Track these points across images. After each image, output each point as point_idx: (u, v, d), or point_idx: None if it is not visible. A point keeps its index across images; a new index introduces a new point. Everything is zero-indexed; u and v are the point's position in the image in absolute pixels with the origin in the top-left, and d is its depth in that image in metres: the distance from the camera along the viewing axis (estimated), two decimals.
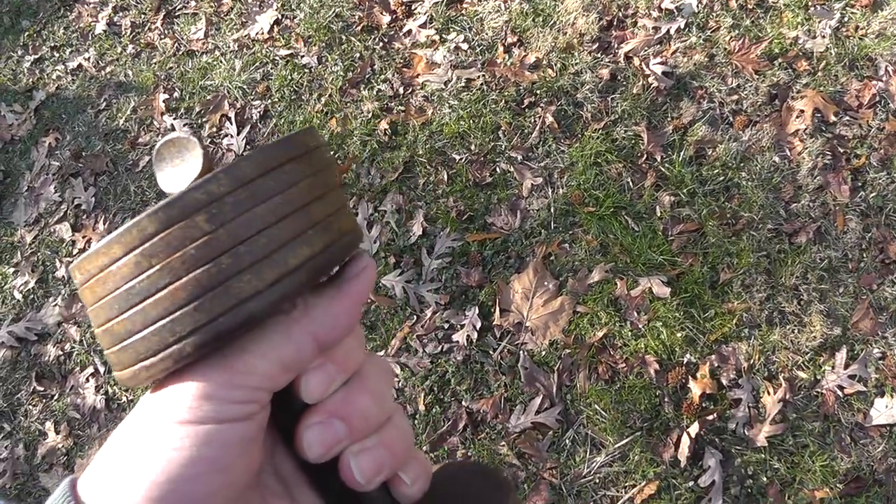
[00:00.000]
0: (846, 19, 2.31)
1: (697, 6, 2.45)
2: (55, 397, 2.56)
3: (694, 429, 1.94)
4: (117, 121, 2.99)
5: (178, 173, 0.37)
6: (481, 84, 2.54)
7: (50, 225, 2.86)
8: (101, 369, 2.54)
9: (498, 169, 2.39)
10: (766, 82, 2.28)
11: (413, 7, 2.78)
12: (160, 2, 3.24)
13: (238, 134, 2.76)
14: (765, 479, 1.88)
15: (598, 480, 1.98)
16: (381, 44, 2.77)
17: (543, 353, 2.12)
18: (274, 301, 0.35)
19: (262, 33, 2.96)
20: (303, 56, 2.84)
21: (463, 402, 2.13)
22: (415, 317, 2.26)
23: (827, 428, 1.90)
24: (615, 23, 2.53)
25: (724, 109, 2.29)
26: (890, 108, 2.14)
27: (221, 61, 2.95)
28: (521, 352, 2.13)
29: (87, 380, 2.54)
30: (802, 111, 2.20)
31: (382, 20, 2.80)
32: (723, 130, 2.26)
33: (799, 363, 1.96)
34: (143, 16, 3.25)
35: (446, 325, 2.22)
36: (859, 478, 1.84)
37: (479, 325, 2.18)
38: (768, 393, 1.95)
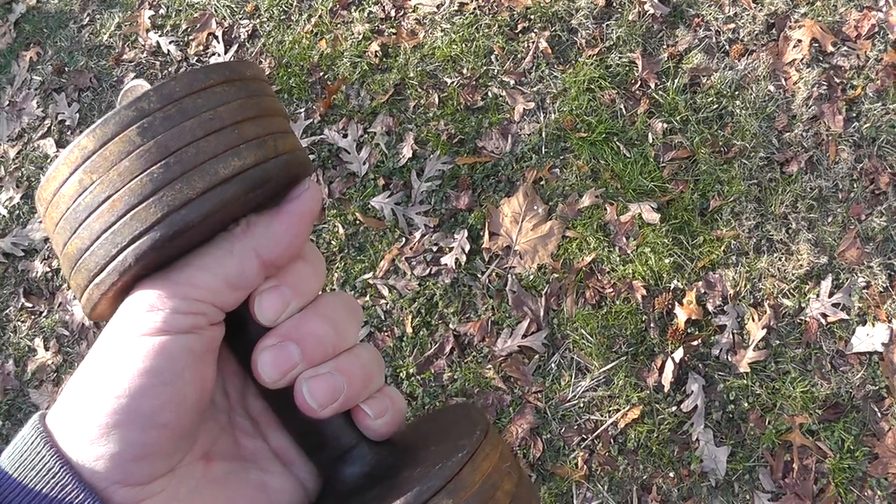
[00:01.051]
0: None
1: None
2: (44, 314, 2.56)
3: (678, 354, 1.96)
4: (101, 36, 2.92)
5: None
6: (474, 8, 2.49)
7: (34, 140, 2.82)
8: None
9: (490, 93, 2.36)
10: (763, 11, 2.25)
11: None
12: None
13: (225, 53, 2.71)
14: (746, 404, 1.92)
15: (582, 404, 2.01)
16: None
17: (531, 277, 2.12)
18: (206, 211, 0.36)
19: None
20: None
21: (450, 325, 2.14)
22: (403, 239, 2.26)
23: (808, 355, 1.93)
24: None
25: (721, 38, 2.26)
26: (889, 38, 2.12)
27: None
28: (510, 275, 2.14)
29: (76, 297, 2.52)
30: (800, 41, 2.18)
31: None
32: (718, 59, 2.24)
33: (784, 291, 1.98)
34: None
35: (435, 248, 2.22)
36: (838, 404, 1.88)
37: (467, 248, 2.18)
38: (753, 320, 1.97)
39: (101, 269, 0.36)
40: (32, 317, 2.57)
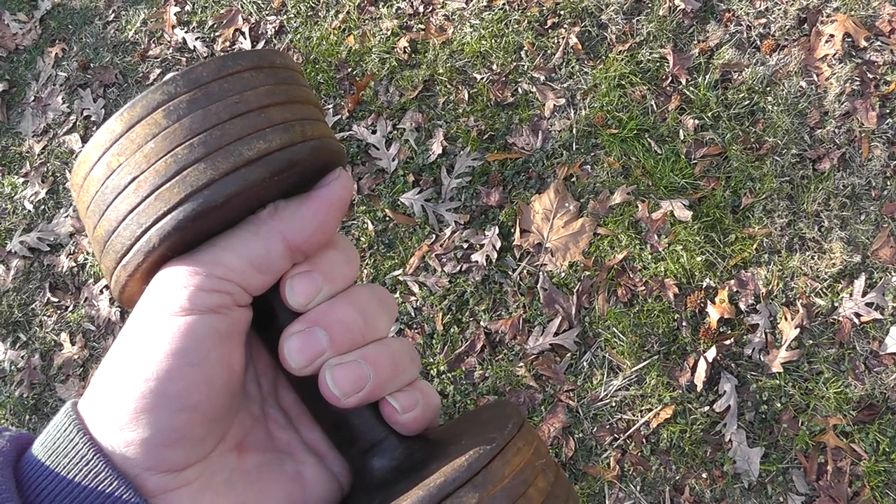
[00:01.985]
0: None
1: None
2: (69, 308, 2.57)
3: (711, 353, 1.95)
4: (126, 33, 2.92)
5: None
6: (503, 4, 2.48)
7: (59, 136, 2.82)
8: None
9: (520, 89, 2.35)
10: (795, 6, 2.24)
11: None
12: None
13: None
14: (779, 405, 1.91)
15: (614, 404, 2.00)
16: None
17: (563, 274, 2.12)
18: (229, 192, 0.36)
19: None
20: None
21: (481, 323, 2.14)
22: (434, 236, 2.25)
23: (842, 355, 1.91)
24: None
25: (752, 33, 2.24)
26: None
27: None
28: (541, 273, 2.13)
29: (101, 291, 2.53)
30: (832, 36, 2.16)
31: None
32: (750, 54, 2.22)
33: (817, 290, 1.97)
34: None
35: (465, 245, 2.21)
36: (872, 405, 1.86)
37: (498, 245, 2.17)
38: (785, 319, 1.96)
39: (126, 250, 0.37)
40: (58, 311, 2.58)
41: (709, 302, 2.01)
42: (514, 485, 0.35)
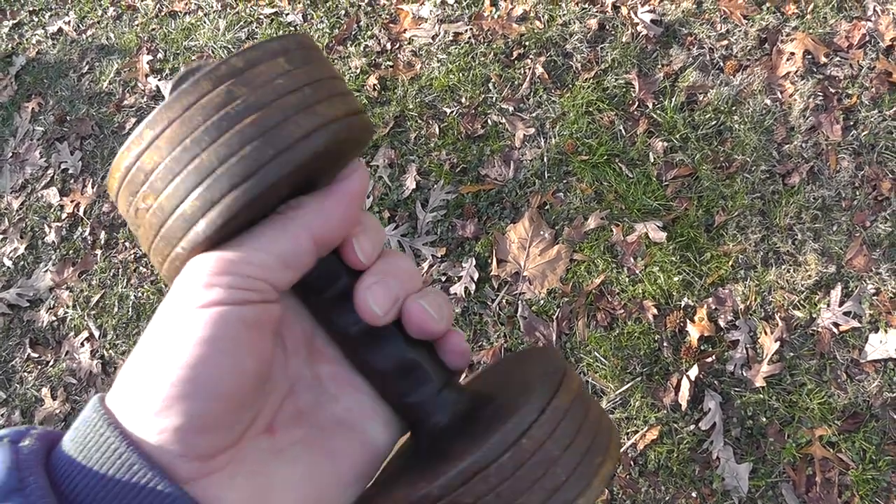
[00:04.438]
0: None
1: None
2: (50, 363, 2.55)
3: (693, 372, 1.95)
4: (101, 84, 2.95)
5: None
6: (469, 38, 2.52)
7: (37, 190, 2.83)
8: (96, 333, 2.52)
9: (489, 121, 2.38)
10: (755, 27, 2.28)
11: None
12: None
13: None
14: (764, 419, 1.90)
15: None
16: (366, 0, 2.73)
17: (542, 302, 2.12)
18: (300, 160, 0.36)
19: None
20: (287, 14, 2.80)
21: None
22: None
23: (823, 365, 1.92)
24: None
25: (715, 55, 2.28)
26: (880, 46, 2.15)
27: (205, 21, 2.91)
28: (520, 302, 2.14)
29: (82, 344, 2.52)
30: (793, 54, 2.20)
31: None
32: (714, 76, 2.26)
33: (795, 302, 1.98)
34: None
35: (444, 278, 2.22)
36: (856, 413, 1.87)
37: (476, 276, 2.18)
38: (765, 333, 1.97)
39: (183, 234, 0.37)
40: (39, 367, 2.56)
41: (688, 321, 2.02)
42: (575, 410, 0.39)
